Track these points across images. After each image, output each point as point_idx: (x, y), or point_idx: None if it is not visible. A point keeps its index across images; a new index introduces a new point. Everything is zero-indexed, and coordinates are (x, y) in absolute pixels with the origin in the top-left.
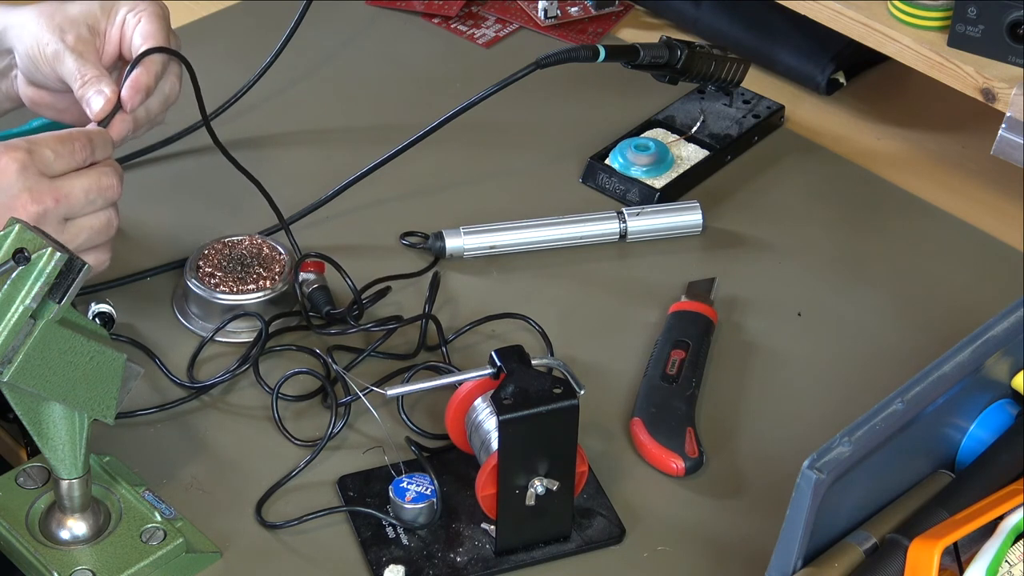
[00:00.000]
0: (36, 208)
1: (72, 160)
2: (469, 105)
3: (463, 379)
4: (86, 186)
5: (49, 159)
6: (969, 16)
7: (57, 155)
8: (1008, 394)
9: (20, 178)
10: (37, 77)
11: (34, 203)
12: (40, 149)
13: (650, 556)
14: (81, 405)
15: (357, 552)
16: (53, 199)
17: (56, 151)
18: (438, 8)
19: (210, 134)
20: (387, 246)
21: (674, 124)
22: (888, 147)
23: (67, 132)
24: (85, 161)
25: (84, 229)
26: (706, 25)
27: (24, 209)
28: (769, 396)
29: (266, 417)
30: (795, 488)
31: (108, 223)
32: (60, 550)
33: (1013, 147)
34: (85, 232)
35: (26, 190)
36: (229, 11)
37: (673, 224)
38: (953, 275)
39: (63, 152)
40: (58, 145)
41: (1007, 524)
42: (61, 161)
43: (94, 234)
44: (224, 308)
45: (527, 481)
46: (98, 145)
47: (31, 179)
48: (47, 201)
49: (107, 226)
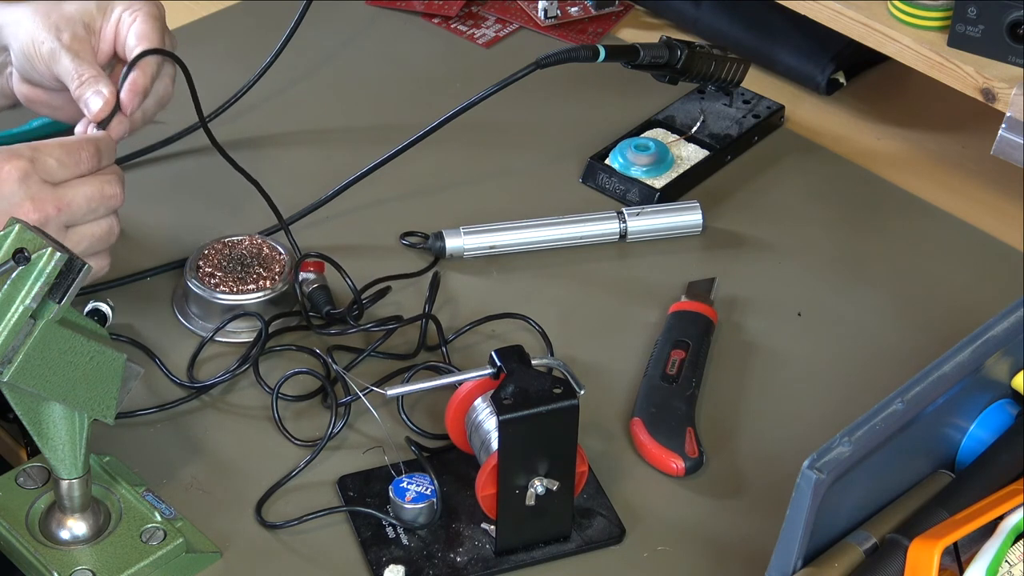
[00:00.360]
0: (37, 216)
1: (77, 169)
2: (469, 105)
3: (463, 379)
4: (89, 194)
5: (53, 167)
6: (969, 16)
7: (61, 164)
8: (1008, 394)
9: (21, 186)
10: (32, 75)
11: (36, 211)
12: (44, 158)
13: (650, 556)
14: (81, 405)
15: (357, 552)
16: (55, 207)
17: (61, 160)
18: (438, 8)
19: (207, 135)
20: (387, 246)
21: (674, 124)
22: (888, 147)
23: (74, 141)
24: (91, 170)
25: (85, 237)
26: (706, 25)
27: (26, 217)
28: (769, 396)
29: (266, 417)
30: (795, 488)
31: (110, 230)
32: (60, 550)
33: (1013, 147)
34: (86, 240)
35: (28, 198)
36: (229, 11)
37: (673, 224)
38: (953, 275)
39: (69, 162)
40: (64, 155)
41: (1007, 524)
42: (65, 170)
43: (95, 241)
44: (224, 308)
45: (527, 481)
46: (104, 153)
47: (33, 187)
48: (48, 209)
49: (108, 233)
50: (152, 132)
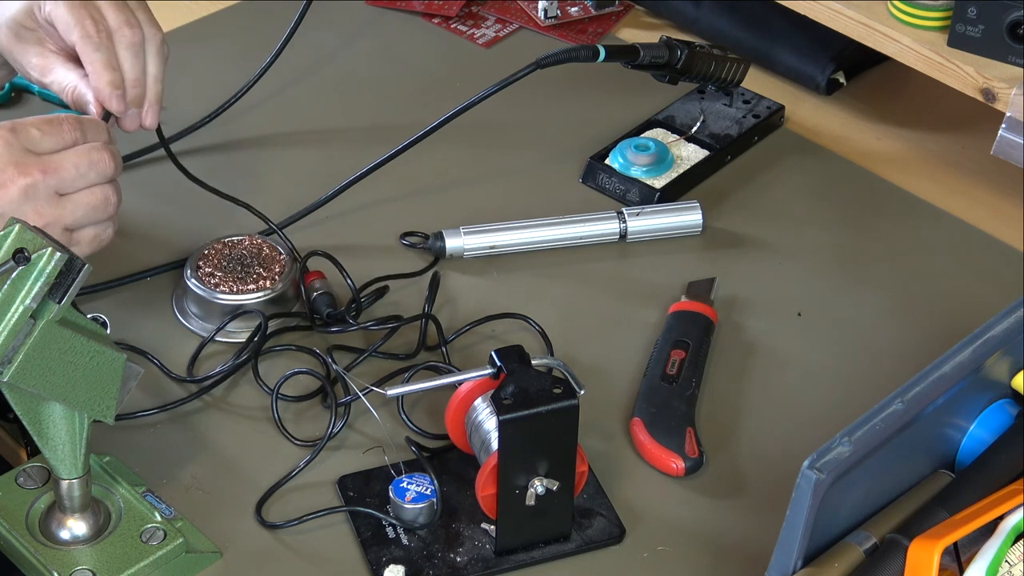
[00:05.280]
0: (25, 180)
1: (60, 140)
2: (469, 105)
3: (463, 379)
4: (75, 160)
5: (35, 137)
6: (969, 16)
7: (44, 134)
8: (1008, 394)
9: (5, 152)
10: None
11: (21, 175)
12: (25, 128)
13: (650, 556)
14: (81, 405)
15: (357, 552)
16: (40, 171)
17: (43, 130)
18: (438, 8)
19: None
20: (387, 246)
21: (674, 124)
22: (888, 147)
23: (54, 115)
24: (75, 142)
25: (80, 205)
26: (706, 25)
27: (12, 182)
28: (769, 396)
29: (266, 417)
30: (795, 488)
31: (106, 199)
32: (60, 550)
33: (1013, 147)
34: (82, 208)
35: (11, 164)
36: (229, 11)
37: (673, 224)
38: (953, 275)
39: (50, 131)
40: (44, 124)
41: (1007, 524)
42: (48, 140)
43: (91, 210)
44: (224, 308)
45: (527, 481)
46: (88, 128)
47: (16, 153)
48: (35, 173)
49: (105, 202)
50: (151, 132)
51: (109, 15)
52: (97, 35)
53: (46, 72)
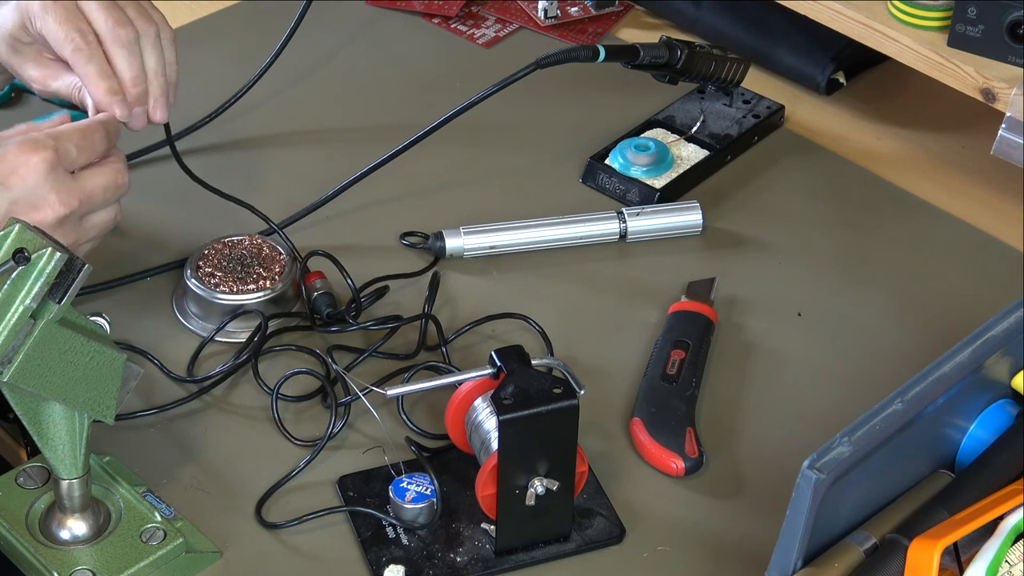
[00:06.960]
0: (64, 211)
1: (93, 153)
2: (469, 105)
3: (463, 379)
4: (104, 184)
5: (73, 155)
6: (969, 16)
7: (80, 150)
8: (1008, 394)
9: (49, 178)
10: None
11: (61, 204)
12: (65, 145)
13: (650, 556)
14: (81, 405)
15: (357, 552)
16: (79, 200)
17: (80, 146)
18: (438, 8)
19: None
20: (387, 246)
21: (674, 124)
22: (888, 147)
23: (87, 125)
24: (105, 153)
25: (96, 225)
26: (706, 25)
27: (52, 210)
28: (769, 396)
29: (266, 417)
30: (795, 488)
31: (114, 217)
32: (60, 550)
33: (1013, 147)
34: (97, 228)
35: (54, 191)
36: (229, 11)
37: (673, 224)
38: (953, 275)
39: (86, 146)
40: (81, 139)
41: (1007, 524)
42: (83, 155)
43: (102, 229)
44: (224, 308)
45: (527, 481)
46: (112, 134)
47: (59, 179)
48: (74, 203)
49: (113, 220)
50: (152, 132)
51: (99, 18)
52: (87, 46)
53: (48, 82)
